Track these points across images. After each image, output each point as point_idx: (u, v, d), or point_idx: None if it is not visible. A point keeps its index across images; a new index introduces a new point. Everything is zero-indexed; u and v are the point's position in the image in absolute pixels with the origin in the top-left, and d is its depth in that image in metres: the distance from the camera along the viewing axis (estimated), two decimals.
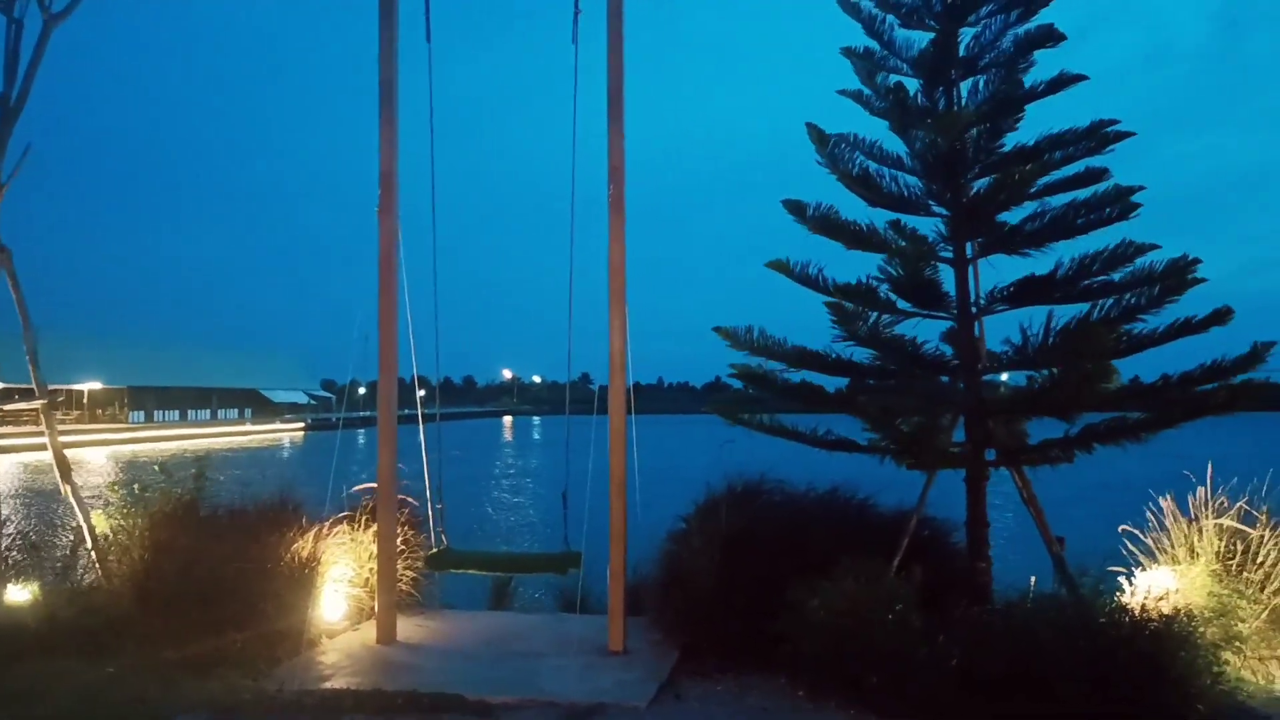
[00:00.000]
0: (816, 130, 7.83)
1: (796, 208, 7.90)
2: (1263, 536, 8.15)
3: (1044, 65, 7.80)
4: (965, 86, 7.89)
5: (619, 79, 7.71)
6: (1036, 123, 7.89)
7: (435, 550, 8.32)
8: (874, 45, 7.95)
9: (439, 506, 8.36)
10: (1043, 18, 7.53)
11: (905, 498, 8.09)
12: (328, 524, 8.67)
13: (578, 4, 7.93)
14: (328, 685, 6.91)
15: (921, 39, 7.96)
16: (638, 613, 8.64)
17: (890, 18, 7.94)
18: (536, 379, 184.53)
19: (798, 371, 8.27)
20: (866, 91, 7.80)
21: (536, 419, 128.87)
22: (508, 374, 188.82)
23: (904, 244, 6.98)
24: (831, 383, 8.30)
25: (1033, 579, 8.11)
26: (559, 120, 8.34)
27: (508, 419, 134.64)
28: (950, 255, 7.91)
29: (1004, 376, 8.40)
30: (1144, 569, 8.45)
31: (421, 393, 8.54)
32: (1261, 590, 8.15)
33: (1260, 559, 8.19)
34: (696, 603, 7.64)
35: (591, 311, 8.29)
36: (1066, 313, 7.46)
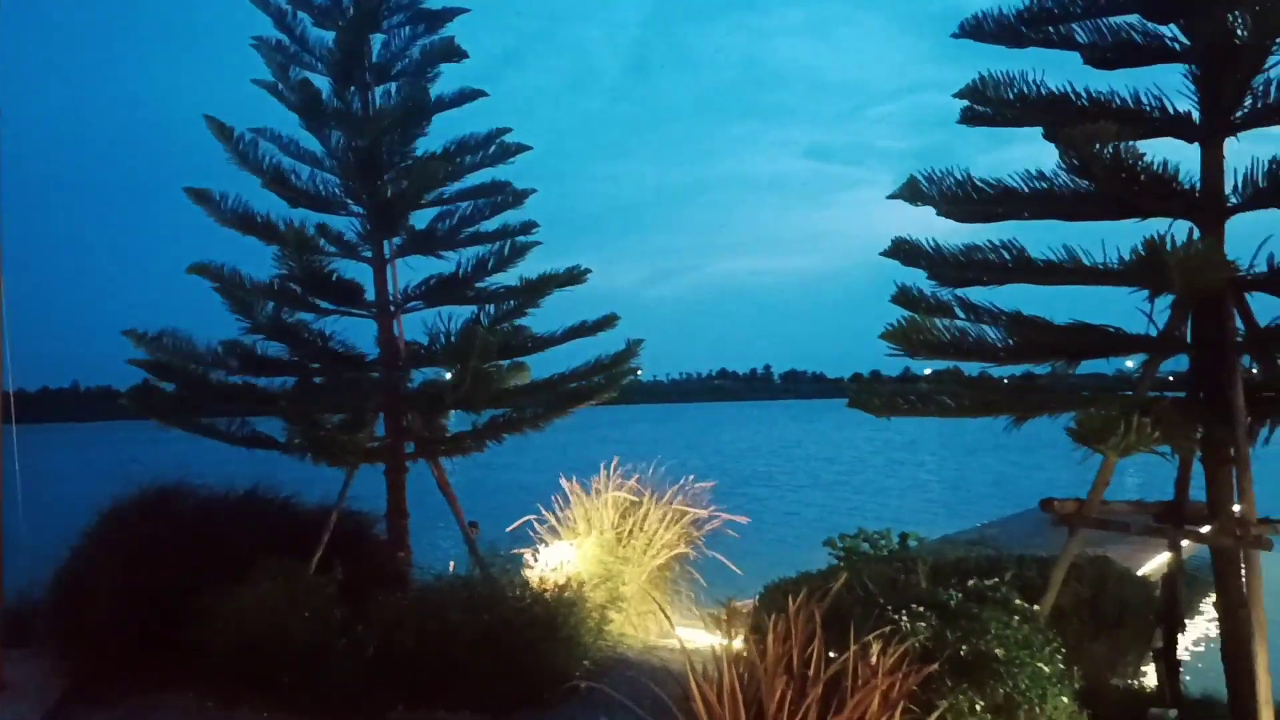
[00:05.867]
0: (217, 123, 7.50)
1: (203, 198, 7.52)
2: (648, 509, 9.54)
3: (475, 83, 8.26)
4: (380, 91, 8.10)
5: None
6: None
7: None
8: (285, 39, 7.84)
9: None
10: (449, 32, 7.96)
11: (332, 493, 8.11)
12: None
13: None
14: None
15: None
16: (29, 643, 7.68)
17: (303, 14, 7.87)
18: None
19: (221, 371, 7.95)
20: (281, 86, 7.65)
21: None
22: None
23: (292, 239, 6.95)
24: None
25: (452, 563, 8.61)
26: None
27: None
28: (370, 255, 8.08)
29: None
30: (549, 544, 9.41)
31: None
32: (644, 554, 9.51)
33: (644, 527, 9.56)
34: (96, 623, 6.98)
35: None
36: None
